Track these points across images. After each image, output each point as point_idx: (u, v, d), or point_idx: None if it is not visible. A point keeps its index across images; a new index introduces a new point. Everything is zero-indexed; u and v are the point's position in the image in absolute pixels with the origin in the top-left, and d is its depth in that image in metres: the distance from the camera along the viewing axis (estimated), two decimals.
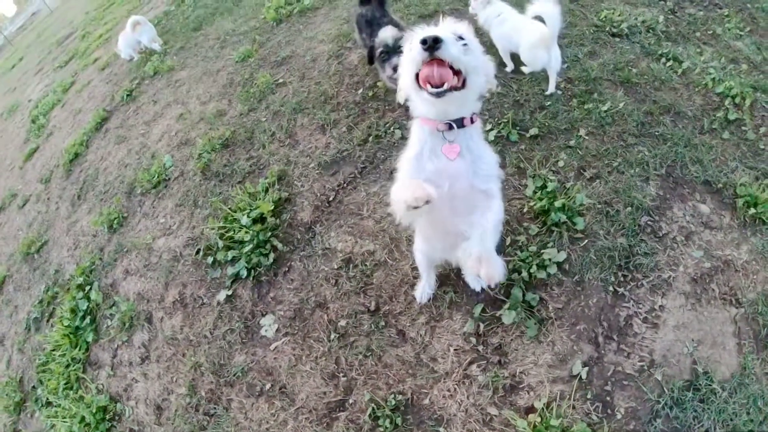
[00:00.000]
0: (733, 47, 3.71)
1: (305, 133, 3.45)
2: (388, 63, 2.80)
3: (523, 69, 3.42)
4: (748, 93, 3.17)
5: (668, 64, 3.49)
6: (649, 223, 2.53)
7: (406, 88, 1.45)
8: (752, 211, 2.53)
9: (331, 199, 2.94)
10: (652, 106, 3.13)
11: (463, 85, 1.39)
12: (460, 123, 1.47)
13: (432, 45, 1.27)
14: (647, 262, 2.37)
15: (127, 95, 5.25)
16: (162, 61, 5.39)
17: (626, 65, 3.47)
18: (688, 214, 2.56)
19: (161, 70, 5.28)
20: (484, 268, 1.37)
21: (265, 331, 2.58)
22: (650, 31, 3.82)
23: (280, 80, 4.07)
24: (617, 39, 3.77)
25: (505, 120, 3.08)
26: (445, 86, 1.32)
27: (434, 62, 1.30)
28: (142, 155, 4.20)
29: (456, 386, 2.11)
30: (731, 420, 1.91)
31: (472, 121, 1.50)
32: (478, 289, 2.34)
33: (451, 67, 1.32)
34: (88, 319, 3.23)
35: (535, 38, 3.02)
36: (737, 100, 3.16)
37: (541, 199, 2.58)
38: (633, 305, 2.24)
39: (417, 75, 1.36)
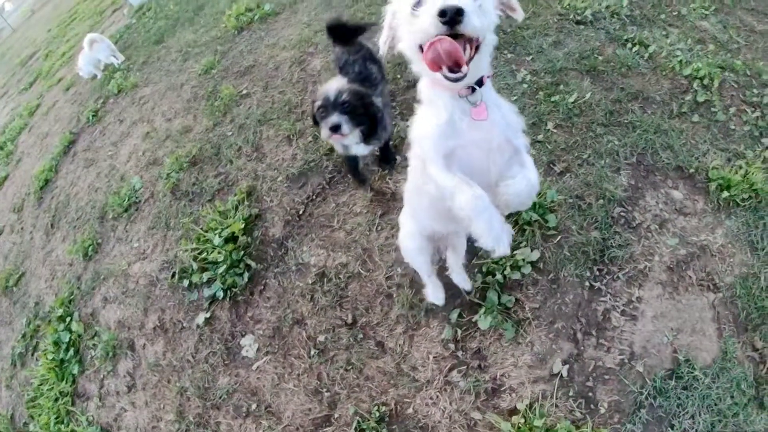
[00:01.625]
0: (699, 27, 3.62)
1: (271, 146, 3.37)
2: (324, 122, 2.29)
3: None
4: (716, 73, 3.11)
5: (634, 49, 3.41)
6: (622, 214, 2.48)
7: (408, 53, 1.24)
8: (725, 194, 2.49)
9: (300, 212, 2.88)
10: (619, 94, 3.07)
11: (476, 50, 1.18)
12: (480, 82, 1.28)
13: (454, 17, 1.04)
14: (622, 254, 2.33)
15: (93, 116, 5.11)
16: (125, 78, 5.24)
17: (592, 53, 3.38)
18: (661, 202, 2.52)
19: (125, 88, 5.15)
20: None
21: (246, 351, 2.54)
22: (615, 15, 3.72)
23: (244, 91, 3.97)
24: (582, 26, 3.67)
25: None
26: (464, 70, 1.11)
27: (444, 39, 1.08)
28: (112, 178, 4.09)
29: (438, 393, 2.09)
30: (716, 404, 1.90)
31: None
32: (468, 288, 2.29)
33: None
34: (71, 351, 3.18)
35: None
36: (705, 81, 3.09)
37: None
38: (610, 299, 2.21)
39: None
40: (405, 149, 2.95)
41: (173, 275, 3.00)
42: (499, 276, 2.29)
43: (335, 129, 2.25)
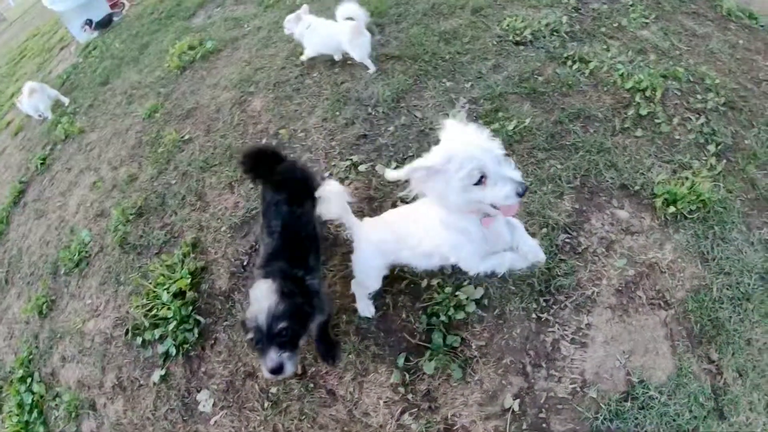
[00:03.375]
0: (639, 37, 3.57)
1: (214, 194, 3.26)
2: (263, 361, 1.75)
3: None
4: (658, 84, 3.04)
5: (574, 66, 3.31)
6: (566, 240, 2.42)
7: (452, 199, 1.52)
8: (672, 209, 2.43)
9: (245, 263, 2.78)
10: (561, 115, 2.97)
11: None
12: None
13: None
14: (569, 282, 2.27)
15: (41, 163, 4.84)
16: (72, 123, 4.98)
17: (532, 74, 3.30)
18: (606, 223, 2.47)
19: (72, 133, 4.88)
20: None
21: (203, 406, 2.45)
22: (554, 33, 3.63)
23: (187, 136, 3.83)
24: (521, 47, 3.59)
25: (410, 155, 2.91)
26: None
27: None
28: (62, 231, 3.89)
29: None
30: (674, 420, 1.89)
31: None
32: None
33: None
34: (35, 413, 3.01)
35: (349, 33, 3.40)
36: (648, 93, 3.02)
37: None
38: (558, 328, 2.16)
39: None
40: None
41: (126, 332, 2.88)
42: (443, 317, 2.23)
43: (277, 371, 1.73)
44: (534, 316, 2.21)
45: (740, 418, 1.92)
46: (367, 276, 2.18)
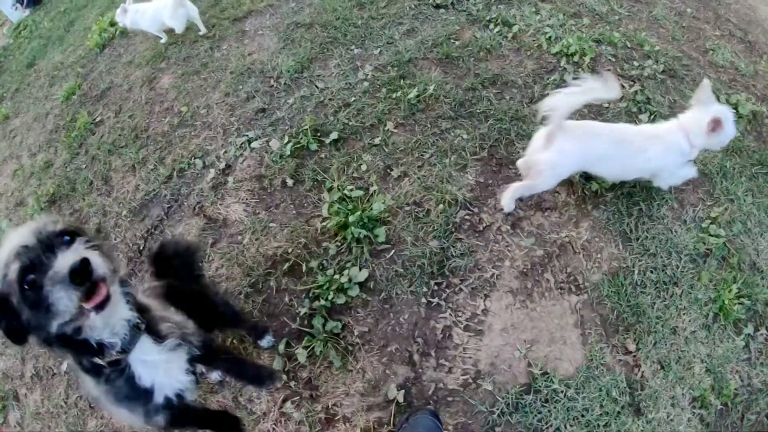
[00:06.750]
0: (575, 1, 3.30)
1: (118, 177, 3.06)
2: None
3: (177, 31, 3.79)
4: (589, 48, 2.79)
5: (496, 29, 3.04)
6: (466, 217, 2.21)
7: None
8: (594, 185, 2.22)
9: (141, 248, 2.63)
10: (473, 81, 2.73)
11: None
12: None
13: None
14: (465, 264, 2.08)
15: None
16: None
17: (447, 38, 3.03)
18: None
19: None
20: None
21: None
22: None
23: (98, 118, 3.59)
24: (441, 10, 3.31)
25: (305, 128, 2.70)
26: None
27: None
28: None
29: (274, 426, 1.92)
30: (582, 416, 1.75)
31: None
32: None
33: None
34: None
35: (170, 6, 3.53)
36: (576, 58, 2.77)
37: (337, 214, 2.24)
38: (451, 314, 1.98)
39: None
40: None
41: None
42: (324, 301, 2.07)
43: None
44: (424, 300, 2.03)
45: (660, 415, 1.79)
46: (553, 178, 2.08)
